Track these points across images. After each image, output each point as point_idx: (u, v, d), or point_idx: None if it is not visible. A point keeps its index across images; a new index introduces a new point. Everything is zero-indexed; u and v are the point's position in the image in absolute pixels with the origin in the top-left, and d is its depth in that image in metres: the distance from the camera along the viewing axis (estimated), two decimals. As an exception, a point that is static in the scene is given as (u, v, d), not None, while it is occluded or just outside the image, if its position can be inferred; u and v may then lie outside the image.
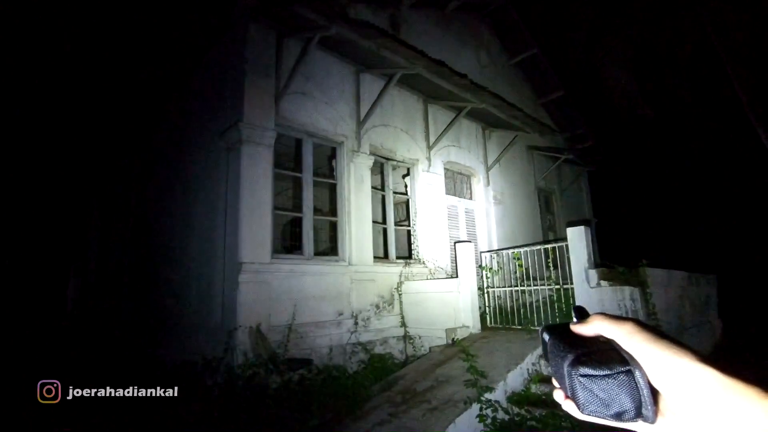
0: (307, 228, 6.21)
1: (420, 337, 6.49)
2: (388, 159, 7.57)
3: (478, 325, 6.17)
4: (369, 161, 7.05)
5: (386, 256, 7.35)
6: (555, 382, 0.49)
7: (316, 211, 6.48)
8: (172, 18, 7.07)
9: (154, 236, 8.04)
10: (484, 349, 5.30)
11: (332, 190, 6.95)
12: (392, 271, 7.04)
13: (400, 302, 6.91)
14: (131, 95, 8.99)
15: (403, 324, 6.78)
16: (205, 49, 6.83)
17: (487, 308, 6.79)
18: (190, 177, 6.94)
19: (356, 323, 6.27)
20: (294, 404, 4.06)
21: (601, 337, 0.47)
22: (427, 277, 7.41)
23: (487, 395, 3.84)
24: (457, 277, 6.33)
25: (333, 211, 6.82)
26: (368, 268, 6.67)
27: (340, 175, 6.78)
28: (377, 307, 6.65)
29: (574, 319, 0.52)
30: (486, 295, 6.88)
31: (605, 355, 0.44)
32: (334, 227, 6.83)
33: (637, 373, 0.41)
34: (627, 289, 5.23)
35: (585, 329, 0.49)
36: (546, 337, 0.52)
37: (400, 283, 6.99)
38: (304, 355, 5.48)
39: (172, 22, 7.12)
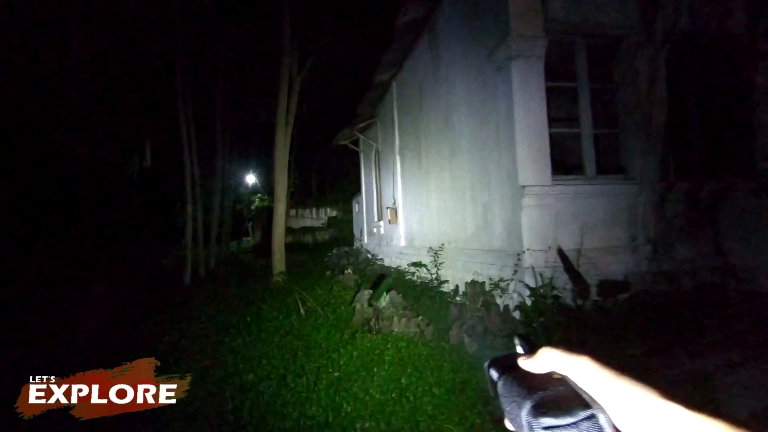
0: (586, 144, 5.52)
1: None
2: (693, 43, 5.80)
3: None
4: (663, 51, 5.57)
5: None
6: (510, 426, 0.41)
7: (597, 123, 5.64)
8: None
9: (417, 172, 8.88)
10: None
11: (612, 95, 5.87)
12: (703, 187, 5.60)
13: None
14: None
15: (720, 251, 5.41)
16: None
17: None
18: (453, 106, 7.14)
19: (656, 250, 5.36)
20: (606, 330, 3.79)
21: (554, 373, 0.41)
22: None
23: None
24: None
25: (616, 121, 5.80)
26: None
27: (625, 76, 5.62)
28: (682, 231, 5.48)
29: (519, 349, 0.46)
30: None
31: (565, 399, 0.38)
32: (615, 140, 5.85)
33: (602, 417, 0.36)
34: None
35: (535, 365, 0.42)
36: (494, 374, 0.45)
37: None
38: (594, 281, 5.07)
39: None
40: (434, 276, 7.64)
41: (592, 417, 0.36)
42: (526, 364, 0.43)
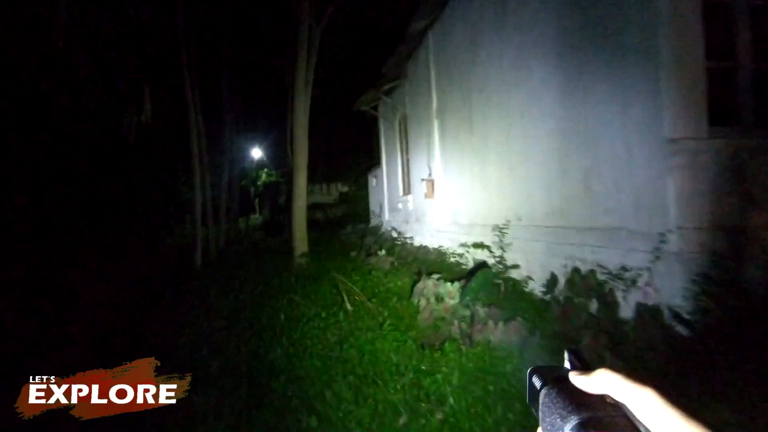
0: (744, 83, 4.06)
1: None
2: None
3: None
4: None
5: None
6: None
7: (758, 55, 4.15)
8: None
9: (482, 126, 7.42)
10: None
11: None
12: None
13: None
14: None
15: None
16: None
17: None
18: (531, 47, 5.63)
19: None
20: None
21: (608, 397, 0.35)
22: None
23: None
24: None
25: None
26: None
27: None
28: None
29: (567, 364, 0.40)
30: None
31: (616, 425, 0.33)
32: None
33: None
34: None
35: (590, 384, 0.36)
36: (537, 383, 0.40)
37: None
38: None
39: None
40: (498, 259, 6.31)
41: None
42: (578, 380, 0.37)
